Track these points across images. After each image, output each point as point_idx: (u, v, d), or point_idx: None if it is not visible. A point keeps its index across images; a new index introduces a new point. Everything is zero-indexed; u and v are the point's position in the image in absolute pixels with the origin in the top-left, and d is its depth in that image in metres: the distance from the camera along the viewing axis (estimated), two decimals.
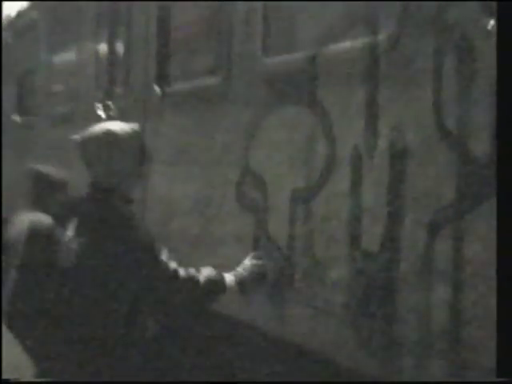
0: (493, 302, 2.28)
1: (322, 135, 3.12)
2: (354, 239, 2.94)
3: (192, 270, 2.93)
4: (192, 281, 2.89)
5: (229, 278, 3.08)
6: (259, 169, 3.57)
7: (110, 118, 5.34)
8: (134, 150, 2.95)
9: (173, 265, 2.86)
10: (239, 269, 3.19)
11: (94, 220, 2.86)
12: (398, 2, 2.77)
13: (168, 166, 4.41)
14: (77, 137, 2.98)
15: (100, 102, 5.55)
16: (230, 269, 3.21)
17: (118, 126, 2.96)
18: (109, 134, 2.90)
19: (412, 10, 2.70)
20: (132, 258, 2.76)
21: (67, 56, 6.64)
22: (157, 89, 4.66)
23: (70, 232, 2.87)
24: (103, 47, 5.68)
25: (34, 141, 7.34)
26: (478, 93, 2.40)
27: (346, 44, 3.03)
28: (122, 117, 5.08)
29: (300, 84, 3.27)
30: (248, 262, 3.25)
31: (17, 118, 8.40)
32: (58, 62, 6.97)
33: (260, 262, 3.26)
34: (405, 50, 2.72)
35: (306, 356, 3.24)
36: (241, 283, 3.11)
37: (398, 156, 2.73)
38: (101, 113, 5.49)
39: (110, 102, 5.40)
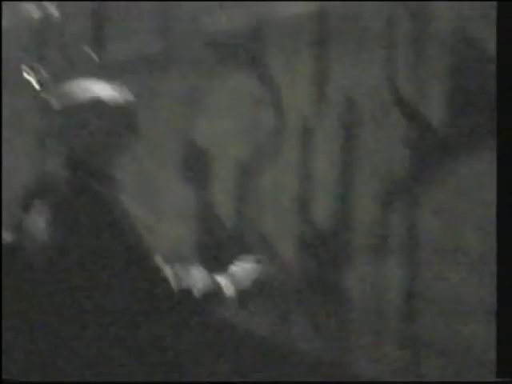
0: (450, 276, 2.35)
1: (270, 103, 3.11)
2: (304, 214, 2.95)
3: (186, 282, 2.65)
4: (187, 295, 2.63)
5: (226, 286, 2.74)
6: (203, 140, 3.56)
7: (39, 82, 5.23)
8: (123, 120, 2.73)
9: (167, 271, 2.59)
10: (237, 272, 2.91)
11: (61, 199, 2.40)
12: None
13: None
14: (55, 102, 2.72)
15: (28, 65, 5.41)
16: (172, 248, 3.17)
17: (103, 89, 2.69)
18: (94, 99, 2.66)
19: None
20: (110, 248, 2.52)
21: None
22: (96, 57, 4.58)
23: (40, 223, 2.42)
24: (33, 7, 5.54)
25: None
26: (433, 55, 2.42)
27: (296, 4, 3.00)
28: (55, 83, 5.00)
29: (247, 48, 3.25)
30: (248, 264, 2.98)
31: None
32: None
33: (262, 267, 3.02)
34: (356, 11, 2.71)
35: (254, 340, 3.24)
36: (241, 293, 2.82)
37: (350, 125, 2.74)
38: (29, 77, 5.36)
39: (38, 65, 5.27)
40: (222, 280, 2.59)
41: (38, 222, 2.48)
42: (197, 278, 2.61)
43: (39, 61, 5.44)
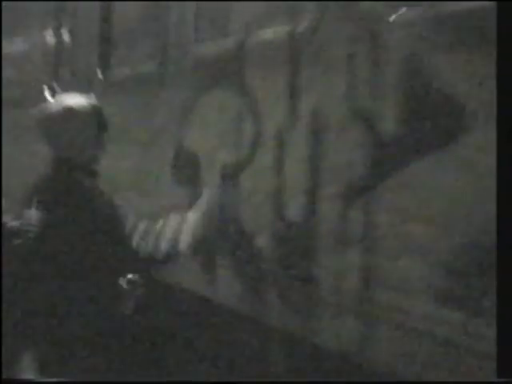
0: (400, 262, 2.35)
1: (249, 115, 3.11)
2: (278, 210, 2.95)
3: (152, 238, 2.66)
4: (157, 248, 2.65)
5: (183, 238, 2.79)
6: (192, 147, 3.56)
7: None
8: (92, 121, 2.67)
9: (141, 227, 2.61)
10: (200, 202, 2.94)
11: (55, 194, 2.54)
12: None
13: (109, 143, 4.34)
14: (35, 112, 2.70)
15: (48, 86, 5.41)
16: None
17: (74, 99, 2.69)
18: (66, 108, 2.63)
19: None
20: (95, 230, 2.46)
21: (16, 44, 6.44)
22: (100, 75, 4.58)
23: (35, 206, 2.53)
24: (50, 35, 5.53)
25: None
26: (386, 77, 2.43)
27: (271, 31, 3.02)
28: None
29: (229, 68, 3.25)
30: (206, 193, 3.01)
31: None
32: (8, 49, 6.75)
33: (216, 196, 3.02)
34: (323, 37, 2.73)
35: (237, 317, 3.24)
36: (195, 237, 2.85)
37: (316, 134, 2.74)
38: (48, 95, 5.34)
39: (55, 84, 5.26)
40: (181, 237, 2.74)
41: (35, 212, 2.49)
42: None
43: (55, 80, 5.43)
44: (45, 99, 5.36)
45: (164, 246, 2.69)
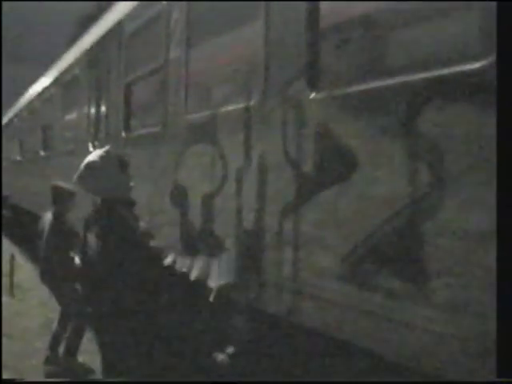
0: (318, 256, 2.27)
1: (220, 160, 3.03)
2: (239, 223, 2.87)
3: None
4: (182, 276, 2.38)
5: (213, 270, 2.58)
6: (184, 182, 3.46)
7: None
8: (112, 163, 2.36)
9: (168, 259, 2.33)
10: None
11: (104, 227, 2.27)
12: (260, 83, 2.70)
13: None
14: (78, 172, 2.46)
15: (91, 142, 5.30)
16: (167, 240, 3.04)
17: (93, 154, 2.42)
18: (87, 163, 2.40)
19: (270, 85, 2.64)
20: (132, 254, 2.16)
21: (72, 115, 6.35)
22: (124, 134, 4.47)
23: (92, 235, 2.31)
24: (92, 110, 5.43)
25: (52, 166, 6.99)
26: (307, 136, 2.38)
27: (233, 106, 2.96)
28: None
29: (206, 131, 3.18)
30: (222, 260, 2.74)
31: (42, 153, 8.05)
32: (66, 119, 6.68)
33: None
34: (265, 110, 2.67)
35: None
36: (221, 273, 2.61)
37: (262, 173, 2.68)
38: (92, 149, 5.23)
39: (97, 142, 5.15)
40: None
41: (90, 234, 2.28)
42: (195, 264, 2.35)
43: (95, 139, 5.30)
44: (89, 151, 5.25)
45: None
